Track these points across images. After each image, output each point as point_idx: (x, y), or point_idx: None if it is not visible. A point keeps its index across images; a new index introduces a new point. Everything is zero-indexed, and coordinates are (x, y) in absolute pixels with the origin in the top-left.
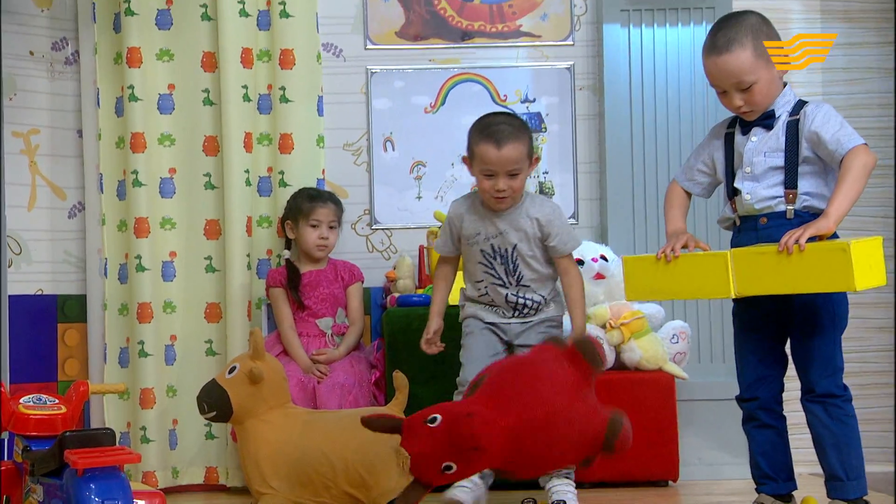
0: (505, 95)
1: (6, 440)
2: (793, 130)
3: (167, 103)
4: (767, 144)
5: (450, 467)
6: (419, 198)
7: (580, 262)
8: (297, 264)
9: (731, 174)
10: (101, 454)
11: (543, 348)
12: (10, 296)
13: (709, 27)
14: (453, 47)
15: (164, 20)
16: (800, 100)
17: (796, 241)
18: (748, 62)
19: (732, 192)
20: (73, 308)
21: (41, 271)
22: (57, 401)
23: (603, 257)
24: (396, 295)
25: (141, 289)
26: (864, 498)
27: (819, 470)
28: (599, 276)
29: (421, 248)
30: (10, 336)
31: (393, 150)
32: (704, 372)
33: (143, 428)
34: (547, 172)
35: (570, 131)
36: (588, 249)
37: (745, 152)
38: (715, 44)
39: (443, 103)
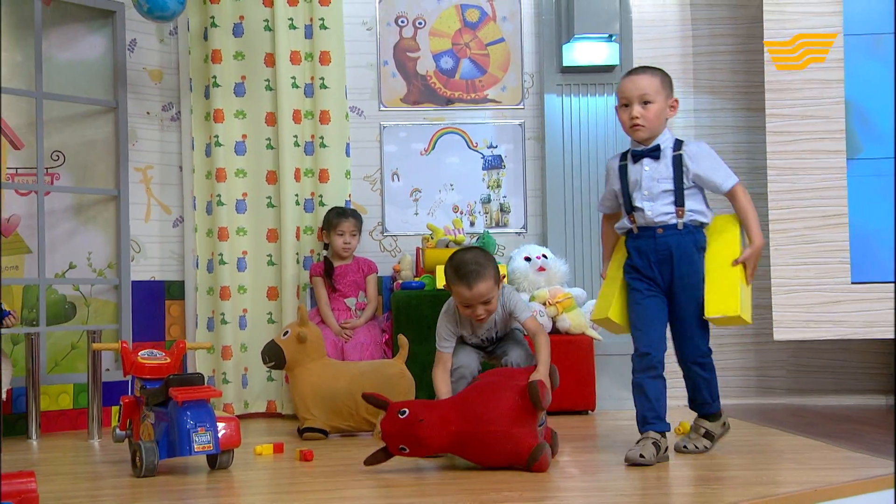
0: (476, 143)
1: (129, 381)
2: (678, 163)
3: (241, 147)
4: (659, 172)
5: (404, 448)
6: (416, 214)
7: (528, 259)
8: (331, 260)
9: (628, 196)
10: (194, 391)
11: (513, 374)
12: (132, 281)
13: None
14: (440, 109)
15: (239, 90)
16: (677, 139)
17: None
18: (656, 85)
19: (631, 209)
20: (175, 290)
21: (153, 264)
22: (164, 354)
23: (544, 256)
24: (401, 282)
25: (222, 277)
26: (719, 411)
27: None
28: (541, 269)
29: (417, 249)
30: (133, 309)
31: (398, 180)
32: (612, 336)
33: (224, 373)
34: (506, 196)
35: (521, 168)
36: (534, 251)
37: (643, 179)
38: (635, 69)
39: (433, 148)
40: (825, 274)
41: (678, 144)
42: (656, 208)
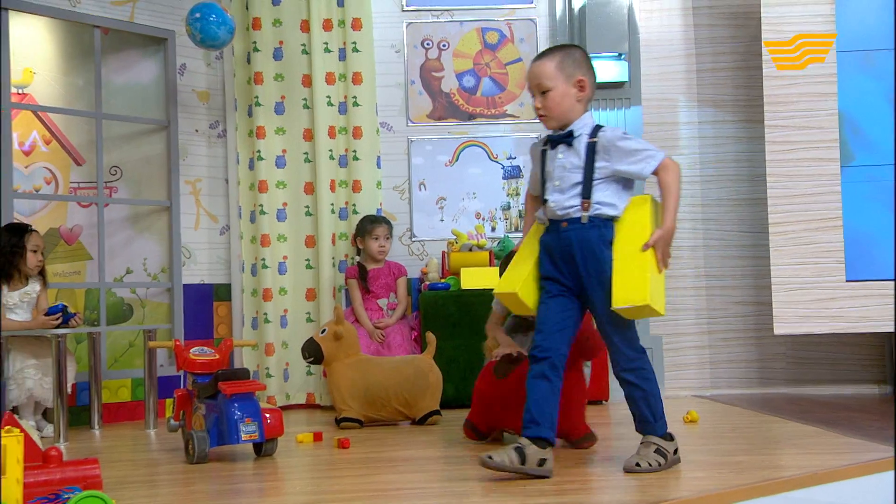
0: (497, 155)
1: (182, 376)
2: (591, 150)
3: (281, 161)
4: (571, 161)
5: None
6: (442, 220)
7: None
8: (364, 264)
9: (543, 185)
10: (241, 384)
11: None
12: (183, 284)
13: (626, 111)
14: (463, 124)
15: (279, 108)
16: (597, 124)
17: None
18: (550, 71)
19: (544, 201)
20: (222, 292)
21: (203, 269)
22: (213, 351)
23: None
24: (428, 283)
25: (265, 280)
26: (668, 433)
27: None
28: None
29: (443, 253)
30: (184, 310)
31: (425, 190)
32: None
33: (267, 368)
34: (524, 203)
35: None
36: None
37: (555, 168)
38: (536, 56)
39: (457, 160)
40: (822, 273)
41: (595, 130)
42: (561, 201)
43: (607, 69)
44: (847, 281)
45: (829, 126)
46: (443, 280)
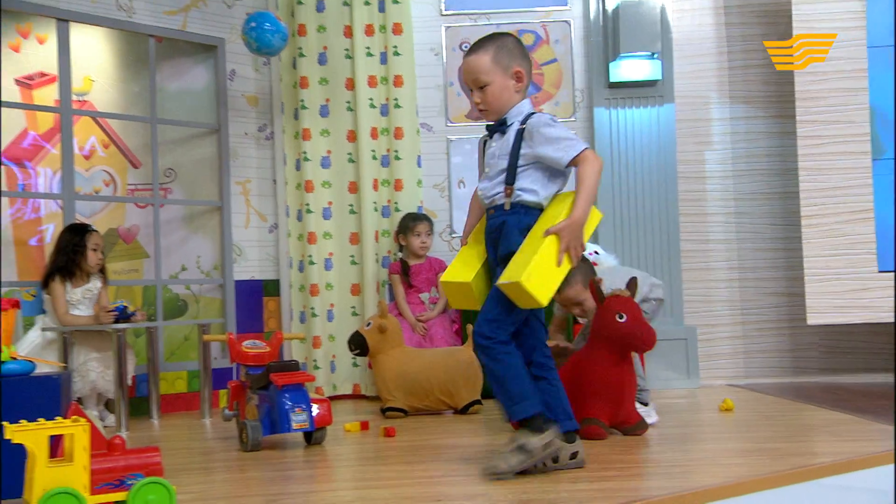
0: None
1: (235, 368)
2: (519, 137)
3: (326, 161)
4: (501, 149)
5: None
6: None
7: None
8: (406, 260)
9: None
10: (291, 376)
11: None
12: (235, 280)
13: (659, 108)
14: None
15: (324, 111)
16: (531, 112)
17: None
18: (485, 65)
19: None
20: (271, 287)
21: (253, 266)
22: (264, 344)
23: (596, 252)
24: None
25: (311, 275)
26: (531, 417)
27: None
28: (594, 264)
29: None
30: (236, 305)
31: (464, 187)
32: (659, 321)
33: (314, 360)
34: None
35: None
36: (587, 247)
37: (487, 156)
38: (468, 49)
39: None
40: (854, 264)
41: (528, 117)
42: (488, 188)
43: (640, 68)
44: (879, 271)
45: (859, 120)
46: None
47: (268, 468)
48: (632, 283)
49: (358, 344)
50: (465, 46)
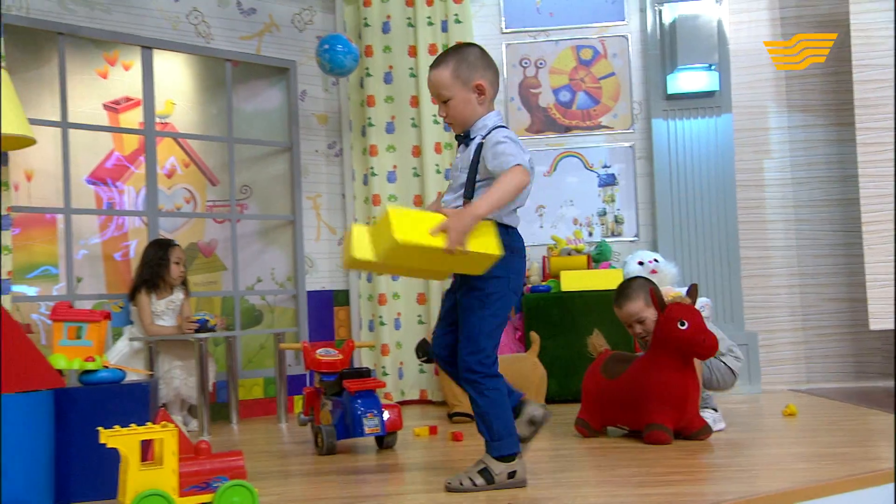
0: (592, 164)
1: (309, 374)
2: (478, 151)
3: (392, 176)
4: (463, 161)
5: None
6: (541, 227)
7: (640, 263)
8: None
9: None
10: (364, 382)
11: None
12: (307, 291)
13: (717, 119)
14: (560, 136)
15: (390, 128)
16: (496, 126)
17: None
18: (446, 79)
19: None
20: (341, 297)
21: (324, 276)
22: (336, 352)
23: (655, 260)
24: (530, 286)
25: (379, 285)
26: (510, 455)
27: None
28: (654, 272)
29: (543, 258)
30: (308, 314)
31: None
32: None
33: (383, 367)
34: (619, 209)
35: (632, 184)
36: (647, 255)
37: (452, 168)
38: (432, 63)
39: (555, 170)
40: None
41: (490, 132)
42: (450, 201)
43: (698, 79)
44: None
45: None
46: (544, 283)
47: (342, 471)
48: (692, 290)
49: (424, 351)
50: (525, 63)
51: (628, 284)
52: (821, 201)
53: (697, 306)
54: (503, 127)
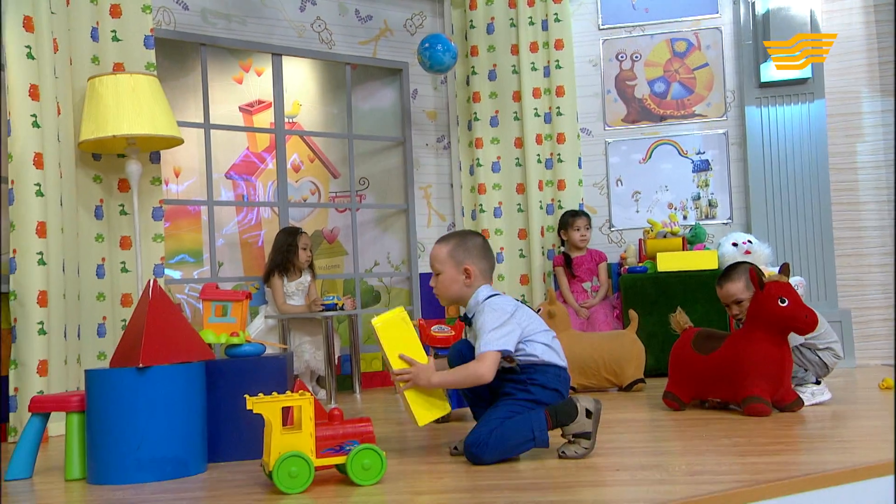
0: (686, 151)
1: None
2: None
3: (496, 166)
4: (472, 337)
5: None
6: (637, 211)
7: (734, 245)
8: (569, 253)
9: None
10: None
11: None
12: (420, 273)
13: (810, 105)
14: (655, 125)
15: (494, 121)
16: (485, 298)
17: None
18: (442, 256)
19: None
20: None
21: None
22: (449, 329)
23: (749, 241)
24: (627, 267)
25: None
26: (550, 426)
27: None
28: (747, 252)
29: (640, 240)
30: (420, 295)
31: (622, 185)
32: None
33: None
34: (713, 193)
35: (726, 169)
36: (740, 237)
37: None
38: (439, 238)
39: (650, 157)
40: None
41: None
42: None
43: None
44: None
45: None
46: (640, 264)
47: (456, 436)
48: (784, 269)
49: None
50: (622, 56)
51: (733, 267)
52: None
53: (823, 344)
54: (495, 296)
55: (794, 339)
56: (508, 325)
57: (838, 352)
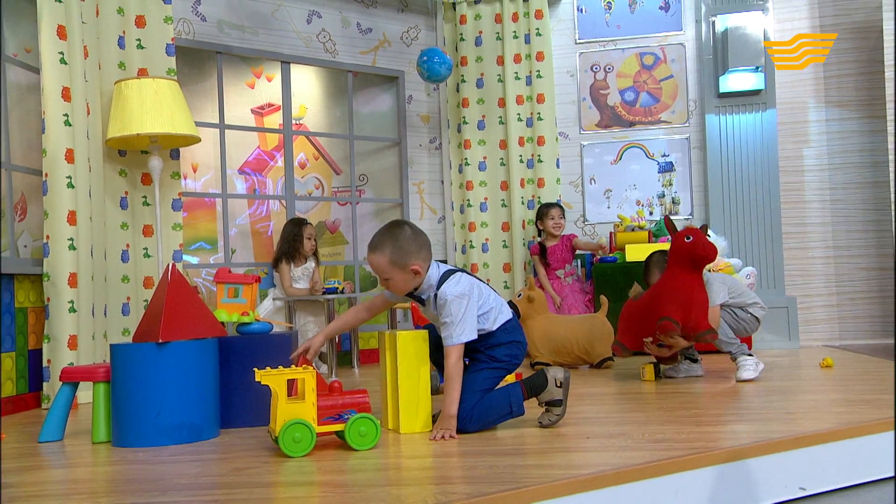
0: (653, 153)
1: (415, 329)
2: (435, 301)
3: (483, 165)
4: (430, 314)
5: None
6: (608, 207)
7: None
8: (545, 242)
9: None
10: None
11: None
12: None
13: (762, 113)
14: (625, 130)
15: (481, 125)
16: (440, 278)
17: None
18: (384, 266)
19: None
20: None
21: None
22: None
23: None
24: (599, 257)
25: (471, 257)
26: (525, 395)
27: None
28: None
29: (610, 233)
30: None
31: (595, 184)
32: (760, 296)
33: None
34: (676, 192)
35: (688, 170)
36: None
37: (424, 311)
38: (369, 245)
39: (620, 159)
40: None
41: (439, 284)
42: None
43: (746, 80)
44: None
45: None
46: (611, 254)
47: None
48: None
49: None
50: (596, 68)
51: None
52: (854, 184)
53: (743, 274)
54: (450, 273)
55: (723, 297)
56: (468, 313)
57: (763, 305)
